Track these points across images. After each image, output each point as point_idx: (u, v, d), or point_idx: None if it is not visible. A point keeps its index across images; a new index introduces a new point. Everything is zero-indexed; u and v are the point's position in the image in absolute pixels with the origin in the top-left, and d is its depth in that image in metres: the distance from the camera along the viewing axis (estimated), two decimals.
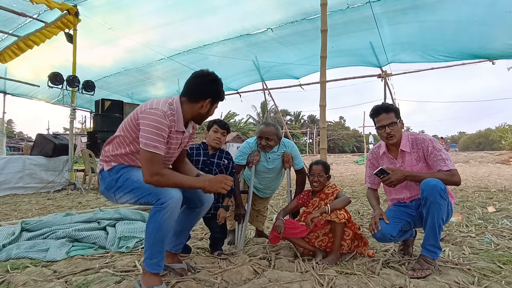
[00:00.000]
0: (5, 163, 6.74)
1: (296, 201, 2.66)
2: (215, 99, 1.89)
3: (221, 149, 2.58)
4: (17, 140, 35.70)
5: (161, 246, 1.75)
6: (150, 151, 1.67)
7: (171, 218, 1.70)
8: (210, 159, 2.49)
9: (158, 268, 1.76)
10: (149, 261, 1.74)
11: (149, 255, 1.74)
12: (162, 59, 8.76)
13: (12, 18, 6.69)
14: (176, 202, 1.69)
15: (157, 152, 1.68)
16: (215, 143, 2.48)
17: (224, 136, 2.51)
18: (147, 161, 1.67)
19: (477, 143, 56.00)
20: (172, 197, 1.68)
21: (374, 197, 2.48)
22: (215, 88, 1.88)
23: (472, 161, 21.92)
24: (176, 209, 1.72)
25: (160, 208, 1.67)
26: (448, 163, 2.14)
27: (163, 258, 1.79)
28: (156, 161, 1.68)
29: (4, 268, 2.21)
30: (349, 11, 6.45)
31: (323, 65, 3.61)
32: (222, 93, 1.94)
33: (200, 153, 2.51)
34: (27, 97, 11.60)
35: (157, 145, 1.68)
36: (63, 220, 3.23)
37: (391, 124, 2.26)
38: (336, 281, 1.93)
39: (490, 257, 2.36)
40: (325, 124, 3.68)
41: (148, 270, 1.74)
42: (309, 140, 45.84)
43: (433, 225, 2.03)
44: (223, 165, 2.52)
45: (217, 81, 1.90)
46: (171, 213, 1.68)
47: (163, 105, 1.77)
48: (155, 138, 1.68)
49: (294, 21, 6.92)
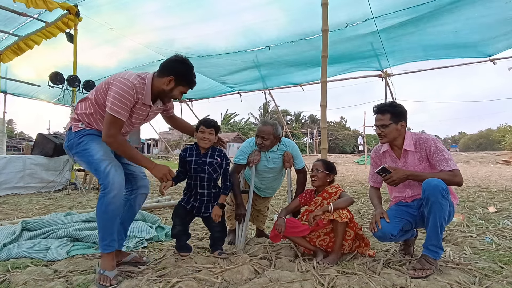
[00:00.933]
0: (6, 162, 6.74)
1: (298, 200, 2.65)
2: (179, 79, 2.03)
3: (214, 147, 2.54)
4: (17, 140, 35.73)
5: (111, 228, 1.92)
6: (113, 114, 1.88)
7: (114, 201, 1.86)
8: (202, 158, 2.46)
9: (110, 248, 1.93)
10: (101, 242, 1.93)
11: (101, 237, 1.93)
12: (162, 60, 8.75)
13: (12, 17, 6.69)
14: (117, 188, 1.86)
15: (118, 117, 1.88)
16: (203, 143, 2.44)
17: (212, 134, 2.44)
18: (108, 123, 1.89)
19: (477, 143, 55.98)
20: (114, 182, 1.86)
21: (376, 196, 2.48)
22: (180, 68, 2.03)
23: (473, 162, 21.92)
24: (119, 194, 1.88)
25: (103, 194, 1.86)
26: (450, 163, 2.14)
27: (114, 240, 1.96)
28: (116, 125, 1.89)
29: (4, 267, 2.21)
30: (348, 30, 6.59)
31: (324, 64, 3.60)
32: (189, 77, 2.06)
33: (192, 153, 2.48)
34: (28, 97, 11.61)
35: (120, 111, 1.89)
36: (64, 220, 3.23)
37: (382, 126, 2.28)
38: (337, 281, 1.93)
39: (491, 257, 2.36)
40: (325, 124, 3.67)
41: (101, 251, 1.93)
42: (310, 140, 45.86)
43: (435, 225, 2.02)
44: (216, 163, 2.48)
45: (184, 63, 2.04)
46: (113, 196, 1.85)
47: (135, 78, 1.96)
48: (119, 105, 1.88)
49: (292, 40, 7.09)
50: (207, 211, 2.46)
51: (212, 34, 7.19)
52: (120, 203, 1.91)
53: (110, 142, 1.91)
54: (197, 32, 7.10)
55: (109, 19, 6.74)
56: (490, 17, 5.97)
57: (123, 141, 1.98)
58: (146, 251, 2.66)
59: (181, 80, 2.04)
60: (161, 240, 2.99)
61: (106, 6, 6.39)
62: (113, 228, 1.94)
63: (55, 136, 7.99)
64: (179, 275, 2.04)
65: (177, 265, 2.21)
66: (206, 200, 2.46)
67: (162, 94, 2.07)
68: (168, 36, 7.40)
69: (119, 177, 1.91)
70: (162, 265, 2.25)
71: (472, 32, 6.62)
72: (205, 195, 2.46)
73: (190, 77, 2.08)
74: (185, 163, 2.48)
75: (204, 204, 2.46)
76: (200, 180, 2.45)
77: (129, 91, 1.90)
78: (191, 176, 2.48)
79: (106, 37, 7.49)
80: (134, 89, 1.92)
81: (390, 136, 2.29)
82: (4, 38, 7.81)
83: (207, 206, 2.47)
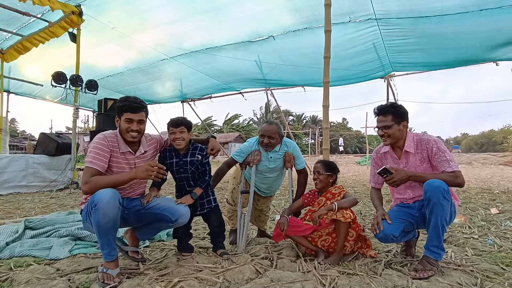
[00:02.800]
0: (9, 161, 6.78)
1: (301, 200, 2.67)
2: (118, 113, 2.16)
3: (195, 145, 2.48)
4: (20, 139, 35.86)
5: (106, 238, 1.93)
6: (86, 165, 2.01)
7: (105, 215, 1.86)
8: (183, 159, 2.42)
9: (110, 257, 1.97)
10: (102, 251, 1.98)
11: (100, 246, 1.98)
12: (164, 59, 8.78)
13: (16, 17, 6.72)
14: (105, 202, 1.85)
15: (91, 166, 2.00)
16: (177, 144, 2.37)
17: (183, 132, 2.36)
18: (83, 174, 2.03)
19: (480, 144, 55.73)
20: (101, 198, 1.86)
21: (377, 197, 2.48)
22: (116, 106, 2.17)
23: (475, 163, 21.85)
24: (107, 207, 1.86)
25: (94, 209, 1.86)
26: (452, 164, 2.14)
27: (113, 249, 1.99)
28: (88, 172, 1.99)
29: (7, 266, 2.23)
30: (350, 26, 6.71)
31: (327, 65, 3.60)
32: (120, 104, 2.14)
33: (172, 154, 2.44)
34: (31, 96, 11.66)
35: (92, 161, 2.01)
36: (66, 219, 3.24)
37: (384, 127, 2.28)
38: (338, 282, 1.93)
39: (493, 258, 2.35)
40: (328, 125, 3.67)
41: (103, 259, 1.99)
42: (311, 140, 45.81)
43: (436, 226, 2.02)
44: (198, 161, 2.43)
45: (118, 100, 2.19)
46: (103, 211, 1.85)
47: (108, 132, 2.17)
48: (92, 155, 2.03)
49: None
50: (204, 208, 2.47)
51: (214, 25, 7.16)
52: (111, 218, 1.88)
53: (88, 187, 1.96)
54: (200, 23, 7.06)
55: (112, 18, 6.75)
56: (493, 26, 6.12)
57: (96, 178, 2.00)
58: (148, 250, 2.67)
59: (119, 112, 2.15)
60: (163, 239, 3.00)
61: (108, 5, 6.41)
62: (110, 240, 1.95)
63: (57, 135, 8.03)
64: (180, 274, 2.05)
65: (179, 265, 2.22)
66: (198, 197, 2.43)
67: (123, 133, 2.16)
68: (171, 31, 7.38)
69: (107, 192, 1.90)
70: (164, 265, 2.26)
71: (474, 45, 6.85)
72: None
73: (122, 104, 2.13)
74: (165, 165, 2.35)
75: (198, 201, 2.45)
76: (185, 180, 2.44)
77: (99, 141, 2.08)
78: (175, 178, 2.47)
79: (109, 37, 7.52)
80: (105, 139, 2.10)
81: (393, 137, 2.29)
82: (7, 38, 7.84)
83: (202, 203, 2.48)
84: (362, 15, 6.26)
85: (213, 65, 9.03)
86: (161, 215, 2.16)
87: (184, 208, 2.21)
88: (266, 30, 7.22)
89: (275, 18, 6.74)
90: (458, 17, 5.87)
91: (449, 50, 7.20)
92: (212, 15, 6.72)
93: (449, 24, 6.15)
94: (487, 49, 6.96)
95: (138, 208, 2.20)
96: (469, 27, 6.20)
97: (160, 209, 2.17)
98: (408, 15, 6.05)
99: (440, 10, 5.78)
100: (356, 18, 6.37)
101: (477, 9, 5.60)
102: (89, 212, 1.93)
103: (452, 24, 6.12)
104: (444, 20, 6.01)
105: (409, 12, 5.98)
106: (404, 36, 6.75)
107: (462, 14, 5.77)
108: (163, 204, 2.20)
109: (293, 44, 7.61)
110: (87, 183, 1.96)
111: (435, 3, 5.62)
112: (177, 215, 2.15)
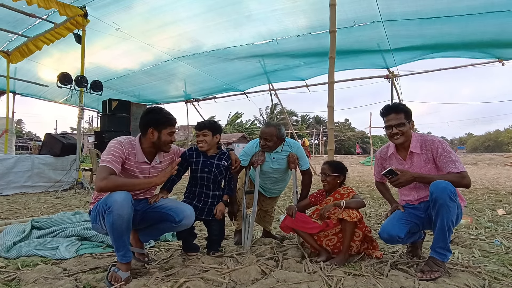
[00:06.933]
0: (15, 162, 6.83)
1: (309, 199, 2.69)
2: (156, 125, 2.15)
3: (223, 151, 2.60)
4: (25, 139, 36.16)
5: (121, 240, 1.94)
6: (102, 164, 2.00)
7: (119, 217, 1.86)
8: (210, 160, 2.51)
9: (125, 258, 1.97)
10: (117, 253, 1.98)
11: (115, 248, 1.98)
12: (168, 60, 8.80)
13: (22, 19, 6.77)
14: (119, 204, 1.86)
15: (106, 165, 1.98)
16: (200, 146, 2.48)
17: (206, 135, 2.46)
18: (98, 172, 1.98)
19: (485, 145, 55.27)
20: (115, 200, 1.86)
21: (386, 190, 2.52)
22: (150, 117, 2.17)
23: (481, 163, 21.68)
24: (122, 209, 1.86)
25: (108, 212, 1.86)
26: (458, 165, 2.12)
27: (128, 250, 2.00)
28: (104, 170, 1.96)
29: (15, 265, 2.25)
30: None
31: (331, 66, 3.59)
32: (163, 118, 2.17)
33: (199, 153, 2.53)
34: (36, 97, 11.75)
35: (108, 160, 2.00)
36: (72, 219, 3.26)
37: (399, 125, 2.25)
38: (344, 282, 1.92)
39: (501, 260, 2.33)
40: (333, 125, 3.66)
41: (119, 261, 1.99)
42: (315, 141, 45.71)
43: (442, 228, 2.00)
44: (223, 166, 2.53)
45: (151, 111, 2.20)
46: (117, 212, 1.85)
47: (124, 138, 2.17)
48: (107, 156, 2.02)
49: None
50: (210, 214, 2.49)
51: (215, 25, 7.14)
52: (126, 219, 1.89)
53: (105, 184, 1.91)
54: (203, 24, 7.06)
55: (117, 19, 6.78)
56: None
57: (116, 178, 1.98)
58: (153, 251, 2.68)
59: (159, 125, 2.15)
60: (168, 240, 3.01)
61: (113, 6, 6.42)
62: (125, 241, 1.96)
63: (62, 136, 8.09)
64: (186, 275, 2.06)
65: (185, 265, 2.22)
66: (210, 202, 2.50)
67: (157, 146, 2.19)
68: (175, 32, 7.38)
69: (121, 194, 1.90)
70: (169, 265, 2.26)
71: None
72: (210, 196, 2.50)
73: (164, 117, 2.18)
74: (189, 163, 2.51)
75: (207, 206, 2.49)
76: (206, 180, 2.49)
77: (116, 145, 2.08)
78: (195, 177, 2.51)
79: (114, 38, 7.54)
80: (122, 145, 2.10)
81: (407, 135, 2.27)
82: (13, 39, 7.90)
83: (210, 208, 2.50)
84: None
85: (217, 65, 9.04)
86: (166, 215, 2.16)
87: (190, 210, 2.22)
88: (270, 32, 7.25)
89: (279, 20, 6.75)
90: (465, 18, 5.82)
91: (453, 35, 6.86)
92: (216, 15, 6.73)
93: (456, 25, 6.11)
94: (494, 44, 6.88)
95: (144, 208, 2.21)
96: (475, 27, 6.15)
97: (166, 209, 2.18)
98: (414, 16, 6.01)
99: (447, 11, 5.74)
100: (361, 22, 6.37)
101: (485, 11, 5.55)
102: (101, 215, 1.93)
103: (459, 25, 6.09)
104: (450, 20, 5.96)
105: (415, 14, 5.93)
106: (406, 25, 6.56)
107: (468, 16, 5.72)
108: (169, 204, 2.21)
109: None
110: (105, 179, 1.91)
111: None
112: (181, 215, 2.15)
